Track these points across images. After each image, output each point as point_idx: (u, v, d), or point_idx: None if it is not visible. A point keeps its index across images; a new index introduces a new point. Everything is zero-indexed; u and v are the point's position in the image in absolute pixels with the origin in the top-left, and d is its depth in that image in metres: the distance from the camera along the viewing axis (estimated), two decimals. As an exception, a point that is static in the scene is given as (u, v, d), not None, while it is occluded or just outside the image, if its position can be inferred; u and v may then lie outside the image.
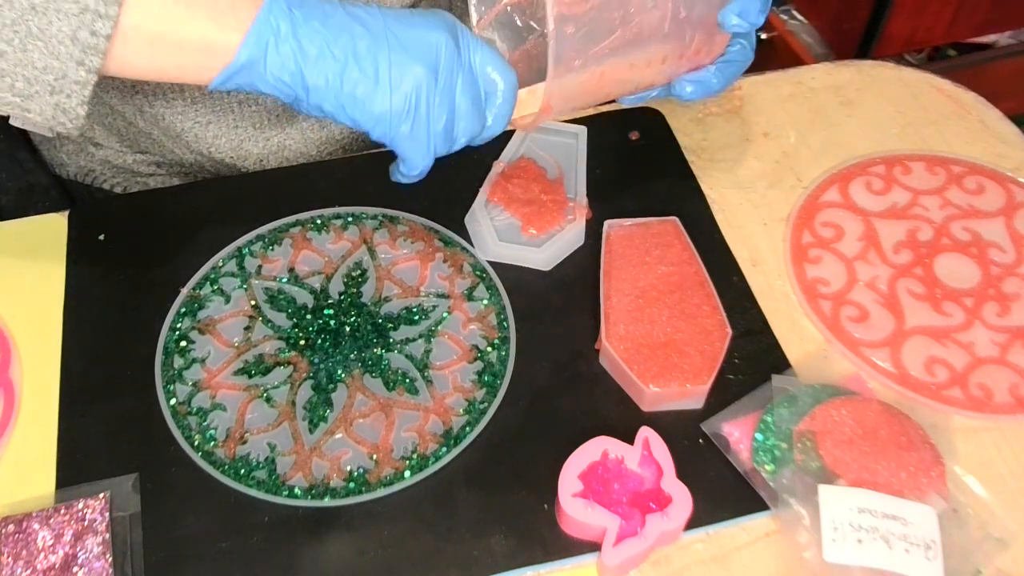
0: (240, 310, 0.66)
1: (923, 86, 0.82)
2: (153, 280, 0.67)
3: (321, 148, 0.81)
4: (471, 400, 0.61)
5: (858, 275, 0.68)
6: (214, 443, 0.59)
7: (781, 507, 0.55)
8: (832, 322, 0.65)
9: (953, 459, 0.58)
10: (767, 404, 0.59)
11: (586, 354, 0.63)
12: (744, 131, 0.78)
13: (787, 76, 0.83)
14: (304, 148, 0.80)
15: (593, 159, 0.74)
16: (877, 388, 0.62)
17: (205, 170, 0.82)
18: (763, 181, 0.75)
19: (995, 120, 0.80)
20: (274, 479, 0.57)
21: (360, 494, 0.57)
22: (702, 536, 0.56)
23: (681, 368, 0.59)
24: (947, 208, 0.72)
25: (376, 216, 0.71)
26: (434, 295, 0.66)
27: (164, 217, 0.72)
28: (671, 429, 0.58)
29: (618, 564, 0.52)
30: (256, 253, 0.69)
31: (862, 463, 0.55)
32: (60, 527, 0.54)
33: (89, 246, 0.70)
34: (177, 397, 0.61)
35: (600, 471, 0.55)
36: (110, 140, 0.81)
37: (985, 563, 0.53)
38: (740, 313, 0.65)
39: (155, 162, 0.82)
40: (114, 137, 0.80)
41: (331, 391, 0.61)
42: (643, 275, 0.64)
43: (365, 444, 0.59)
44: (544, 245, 0.68)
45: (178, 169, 0.83)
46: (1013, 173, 0.75)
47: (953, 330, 0.65)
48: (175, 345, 0.64)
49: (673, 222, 0.68)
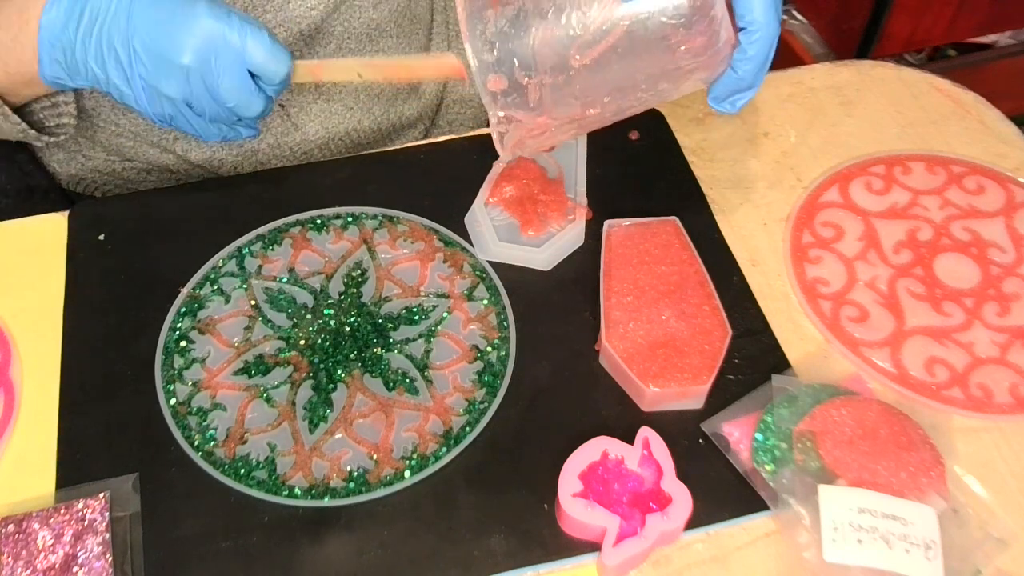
0: (240, 310, 0.66)
1: (923, 86, 0.82)
2: (153, 280, 0.67)
3: (295, 150, 0.82)
4: (471, 400, 0.61)
5: (858, 275, 0.68)
6: (214, 443, 0.59)
7: (781, 507, 0.55)
8: (832, 322, 0.65)
9: (953, 459, 0.58)
10: (767, 404, 0.59)
11: (586, 354, 0.63)
12: (744, 131, 0.78)
13: (787, 76, 0.83)
14: (278, 151, 0.81)
15: (593, 159, 0.74)
16: (877, 388, 0.62)
17: (192, 176, 0.82)
18: (763, 181, 0.75)
19: (995, 120, 0.80)
20: (274, 479, 0.57)
21: (360, 494, 0.57)
22: (702, 536, 0.56)
23: (681, 368, 0.59)
24: (947, 208, 0.72)
25: (376, 216, 0.71)
26: (434, 295, 0.66)
27: (164, 217, 0.72)
28: (671, 429, 0.58)
29: (618, 564, 0.52)
30: (256, 253, 0.69)
31: (862, 463, 0.55)
32: (60, 527, 0.54)
33: (89, 246, 0.70)
34: (177, 397, 0.61)
35: (600, 471, 0.55)
36: (96, 150, 0.81)
37: (985, 563, 0.53)
38: (740, 313, 0.65)
39: (144, 168, 0.82)
40: (99, 148, 0.81)
41: (331, 391, 0.61)
42: (643, 275, 0.64)
43: (365, 444, 0.59)
44: (544, 245, 0.68)
45: (168, 176, 0.83)
46: (1013, 173, 0.75)
47: (953, 330, 0.65)
48: (175, 345, 0.64)
49: (673, 222, 0.68)
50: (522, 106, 0.53)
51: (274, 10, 0.72)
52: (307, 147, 0.82)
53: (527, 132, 0.55)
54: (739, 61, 0.55)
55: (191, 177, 0.83)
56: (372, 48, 0.80)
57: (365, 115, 0.84)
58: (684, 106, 0.80)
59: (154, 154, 0.80)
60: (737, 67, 0.55)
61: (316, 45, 0.76)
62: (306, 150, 0.82)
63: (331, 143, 0.83)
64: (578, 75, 0.52)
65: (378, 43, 0.80)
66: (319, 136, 0.82)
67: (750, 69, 0.55)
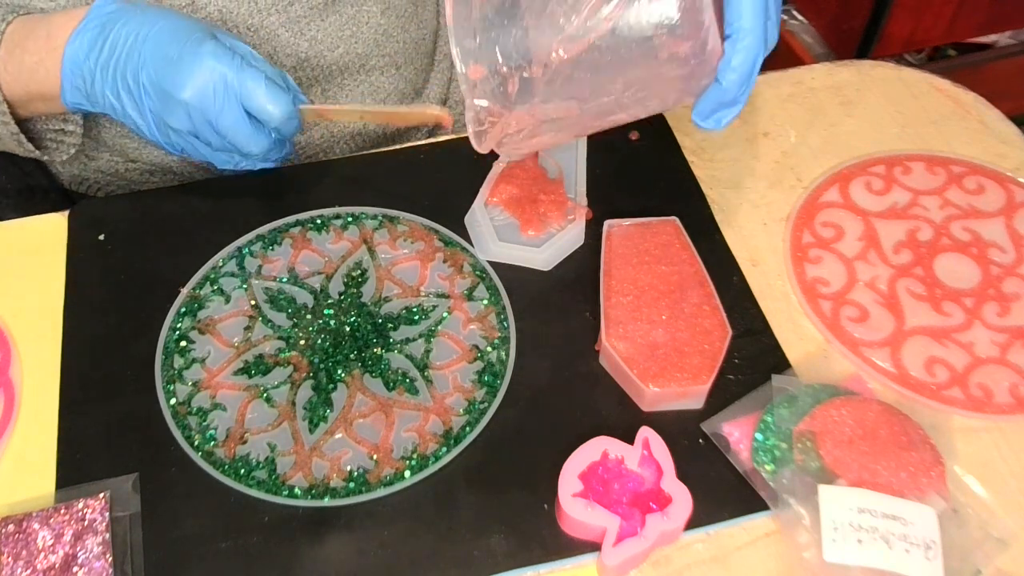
0: (240, 310, 0.66)
1: (923, 86, 0.82)
2: (153, 280, 0.67)
3: (301, 152, 0.82)
4: (471, 400, 0.61)
5: (858, 275, 0.68)
6: (214, 443, 0.59)
7: (781, 507, 0.55)
8: (832, 322, 0.65)
9: (953, 459, 0.58)
10: (767, 404, 0.59)
11: (586, 354, 0.63)
12: (744, 131, 0.78)
13: (787, 76, 0.83)
14: None
15: (593, 159, 0.74)
16: (877, 388, 0.62)
17: (194, 177, 0.82)
18: (763, 181, 0.75)
19: (995, 120, 0.80)
20: (274, 479, 0.57)
21: (360, 494, 0.57)
22: (702, 536, 0.56)
23: (681, 368, 0.59)
24: (947, 208, 0.72)
25: (376, 216, 0.71)
26: (434, 295, 0.67)
27: (164, 217, 0.72)
28: (671, 429, 0.58)
29: (618, 564, 0.52)
30: (256, 253, 0.69)
31: (862, 463, 0.55)
32: (60, 527, 0.54)
33: (89, 246, 0.70)
34: (177, 397, 0.61)
35: (600, 471, 0.55)
36: (100, 151, 0.81)
37: (985, 563, 0.53)
38: (740, 313, 0.65)
39: (147, 169, 0.82)
40: (104, 148, 0.81)
41: (331, 391, 0.61)
42: (643, 275, 0.64)
43: (365, 444, 0.59)
44: (544, 245, 0.68)
45: (171, 177, 0.83)
46: (1013, 173, 0.75)
47: (953, 330, 0.65)
48: (175, 345, 0.64)
49: (673, 222, 0.68)
50: (500, 98, 0.52)
51: (278, 12, 0.72)
52: (312, 150, 0.82)
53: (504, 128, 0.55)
54: (723, 71, 0.51)
55: (194, 178, 0.83)
56: (379, 52, 0.81)
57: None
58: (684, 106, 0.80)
59: (159, 155, 0.80)
60: (721, 78, 0.52)
61: (322, 48, 0.77)
62: (311, 153, 0.82)
63: (337, 145, 0.83)
64: (559, 70, 0.51)
65: (384, 47, 0.81)
66: (324, 139, 0.82)
67: (734, 81, 0.51)
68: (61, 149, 0.72)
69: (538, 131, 0.56)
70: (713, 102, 0.54)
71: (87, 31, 0.64)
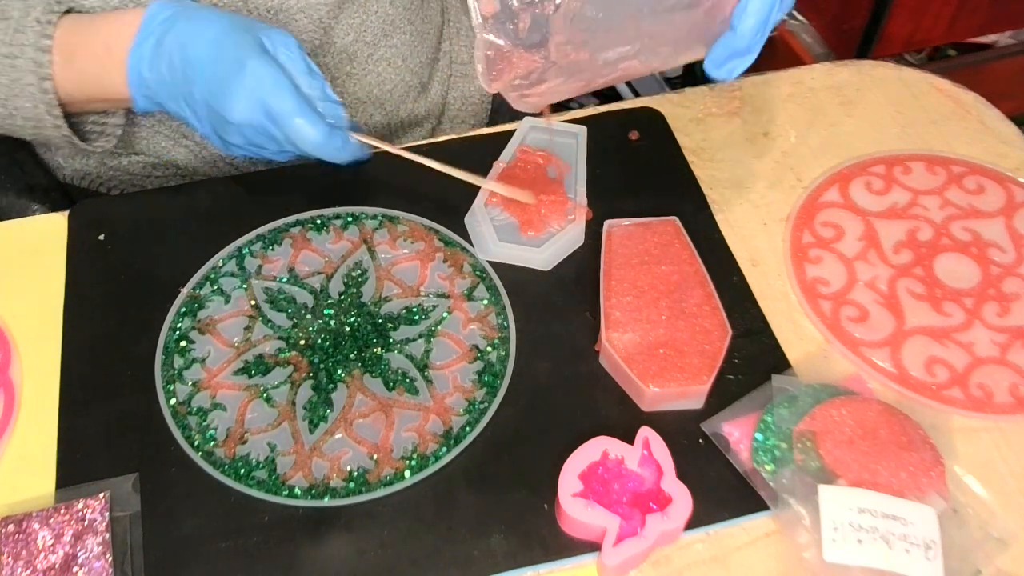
0: (240, 310, 0.66)
1: (923, 86, 0.82)
2: (153, 280, 0.67)
3: None
4: (471, 400, 0.61)
5: (858, 275, 0.68)
6: (214, 443, 0.59)
7: (781, 507, 0.55)
8: (832, 322, 0.65)
9: (953, 459, 0.58)
10: (767, 404, 0.59)
11: (586, 354, 0.63)
12: (744, 131, 0.78)
13: (787, 76, 0.83)
14: None
15: (593, 159, 0.74)
16: (877, 388, 0.62)
17: (200, 172, 0.82)
18: (763, 181, 0.75)
19: (995, 120, 0.80)
20: (274, 479, 0.57)
21: (360, 494, 0.57)
22: (702, 536, 0.56)
23: (681, 368, 0.59)
24: (947, 208, 0.72)
25: (376, 216, 0.71)
26: (434, 295, 0.66)
27: (164, 217, 0.72)
28: (671, 429, 0.58)
29: (618, 564, 0.52)
30: (256, 253, 0.69)
31: (862, 463, 0.55)
32: (60, 527, 0.54)
33: (89, 246, 0.70)
34: (177, 397, 0.61)
35: (600, 471, 0.55)
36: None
37: (985, 563, 0.53)
38: (740, 313, 0.65)
39: (151, 163, 0.82)
40: None
41: (331, 391, 0.61)
42: (643, 275, 0.64)
43: (365, 444, 0.59)
44: (544, 245, 0.68)
45: (174, 171, 0.83)
46: (1013, 173, 0.75)
47: (953, 330, 0.65)
48: (175, 345, 0.64)
49: (673, 222, 0.68)
50: (510, 35, 0.52)
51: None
52: None
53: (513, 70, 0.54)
54: (738, 16, 0.52)
55: (196, 176, 0.83)
56: (386, 43, 0.82)
57: (377, 110, 0.85)
58: (684, 106, 0.80)
59: (167, 146, 0.80)
60: (736, 23, 0.52)
61: (334, 36, 0.78)
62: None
63: None
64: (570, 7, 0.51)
65: (391, 38, 0.82)
66: None
67: (749, 27, 0.51)
68: (102, 140, 0.72)
69: (547, 75, 0.54)
70: (727, 49, 0.54)
71: (145, 45, 0.63)
